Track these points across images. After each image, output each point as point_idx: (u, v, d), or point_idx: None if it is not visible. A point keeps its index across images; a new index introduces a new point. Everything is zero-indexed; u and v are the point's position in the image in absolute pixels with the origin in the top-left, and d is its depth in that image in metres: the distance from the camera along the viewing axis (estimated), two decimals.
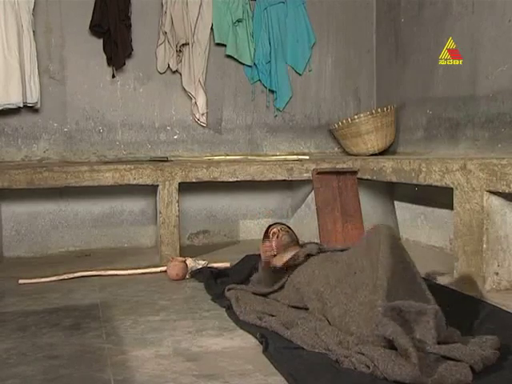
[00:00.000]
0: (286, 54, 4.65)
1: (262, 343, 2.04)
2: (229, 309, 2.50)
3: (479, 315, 2.30)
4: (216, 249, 4.10)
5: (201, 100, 4.38)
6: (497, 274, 2.70)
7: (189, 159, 4.14)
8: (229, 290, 2.71)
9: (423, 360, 1.71)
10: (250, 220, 4.52)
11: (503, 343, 1.91)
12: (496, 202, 2.67)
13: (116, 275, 3.29)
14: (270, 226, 3.15)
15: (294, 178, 3.92)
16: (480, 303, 2.51)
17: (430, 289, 2.13)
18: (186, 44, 4.33)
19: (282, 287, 2.57)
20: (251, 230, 4.44)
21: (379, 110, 4.23)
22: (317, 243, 2.99)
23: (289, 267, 2.58)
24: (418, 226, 4.03)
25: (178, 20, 4.30)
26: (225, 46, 4.49)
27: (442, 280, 2.94)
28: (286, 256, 2.71)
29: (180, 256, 3.52)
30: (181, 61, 4.38)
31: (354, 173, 3.82)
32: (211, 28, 4.43)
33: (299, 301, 2.43)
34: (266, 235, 3.00)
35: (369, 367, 1.76)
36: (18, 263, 3.73)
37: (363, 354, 1.80)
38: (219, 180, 3.76)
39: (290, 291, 2.51)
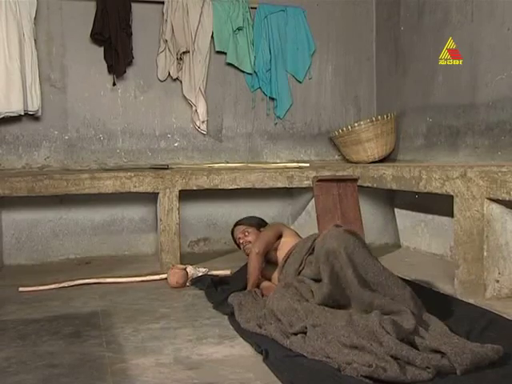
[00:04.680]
0: (286, 62, 4.67)
1: (261, 353, 2.04)
2: (232, 315, 2.50)
3: (480, 323, 2.30)
4: (216, 256, 4.10)
5: (201, 108, 4.40)
6: (497, 281, 2.69)
7: (189, 167, 4.14)
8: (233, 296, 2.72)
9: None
10: None
11: (504, 352, 1.91)
12: (496, 209, 2.67)
13: (116, 283, 3.28)
14: (232, 232, 3.29)
15: (294, 186, 3.92)
16: (481, 311, 2.51)
17: (430, 297, 2.17)
18: (187, 52, 4.35)
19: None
20: None
21: (379, 117, 4.24)
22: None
23: None
24: (419, 234, 4.03)
25: (178, 28, 4.31)
26: (225, 53, 4.51)
27: (443, 288, 2.94)
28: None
29: (180, 263, 3.53)
30: (181, 69, 4.39)
31: (355, 180, 3.82)
32: (212, 36, 4.45)
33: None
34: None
35: (371, 365, 1.77)
36: (18, 271, 3.72)
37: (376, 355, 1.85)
38: (220, 187, 3.76)
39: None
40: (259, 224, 3.22)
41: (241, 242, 3.17)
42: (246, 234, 3.14)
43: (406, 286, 2.27)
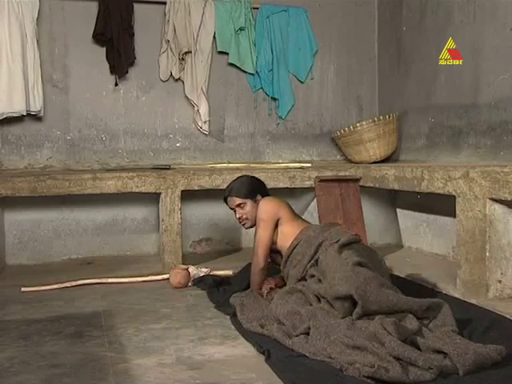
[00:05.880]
0: (288, 62, 4.67)
1: (263, 353, 2.04)
2: (234, 316, 2.50)
3: (482, 323, 2.29)
4: (218, 256, 4.10)
5: (203, 108, 4.40)
6: (500, 281, 2.69)
7: (191, 167, 4.15)
8: (235, 296, 2.71)
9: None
10: (253, 228, 4.50)
11: (507, 352, 1.91)
12: (499, 209, 2.67)
13: (118, 283, 3.29)
14: (225, 199, 3.01)
15: (296, 186, 3.92)
16: (483, 311, 2.50)
17: (432, 297, 2.17)
18: (189, 52, 4.35)
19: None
20: (253, 237, 4.43)
21: (381, 117, 4.24)
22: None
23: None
24: (421, 234, 4.03)
25: (180, 28, 4.32)
26: (227, 54, 4.51)
27: (445, 288, 2.93)
28: None
29: (182, 264, 3.53)
30: (183, 69, 4.40)
31: (357, 180, 3.82)
32: (214, 36, 4.45)
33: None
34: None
35: (373, 366, 1.77)
36: (21, 271, 3.73)
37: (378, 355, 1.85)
38: (222, 188, 3.75)
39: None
40: (253, 193, 2.96)
41: (237, 217, 2.99)
42: (242, 206, 2.95)
43: (422, 307, 2.19)
